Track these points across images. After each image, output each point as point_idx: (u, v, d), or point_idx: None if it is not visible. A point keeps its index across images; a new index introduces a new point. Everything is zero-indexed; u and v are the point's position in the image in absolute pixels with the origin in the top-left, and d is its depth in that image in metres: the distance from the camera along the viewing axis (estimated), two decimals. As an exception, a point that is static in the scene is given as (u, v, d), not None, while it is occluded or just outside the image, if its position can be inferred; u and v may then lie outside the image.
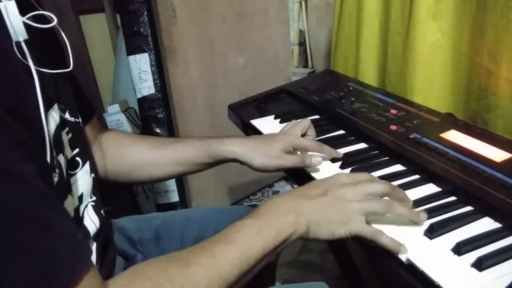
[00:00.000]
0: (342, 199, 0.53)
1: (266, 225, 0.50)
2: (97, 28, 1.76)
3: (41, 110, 0.42)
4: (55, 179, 0.46)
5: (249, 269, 0.47)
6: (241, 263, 0.46)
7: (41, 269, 0.36)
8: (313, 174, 0.68)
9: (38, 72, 0.42)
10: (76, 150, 0.56)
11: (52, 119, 0.49)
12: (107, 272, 0.59)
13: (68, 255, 0.38)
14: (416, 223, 0.53)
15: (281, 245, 0.50)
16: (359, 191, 0.54)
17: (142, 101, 1.38)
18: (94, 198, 0.58)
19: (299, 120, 0.78)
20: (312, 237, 0.52)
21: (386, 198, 0.55)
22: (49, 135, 0.44)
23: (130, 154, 0.73)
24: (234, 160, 0.71)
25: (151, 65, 1.34)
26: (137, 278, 0.43)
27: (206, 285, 0.44)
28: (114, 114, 1.53)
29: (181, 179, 1.48)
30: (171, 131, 1.43)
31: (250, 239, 0.48)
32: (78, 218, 0.54)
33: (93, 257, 0.54)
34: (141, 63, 1.34)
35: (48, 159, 0.44)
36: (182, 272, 0.44)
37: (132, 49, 1.34)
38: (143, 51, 1.33)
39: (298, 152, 0.72)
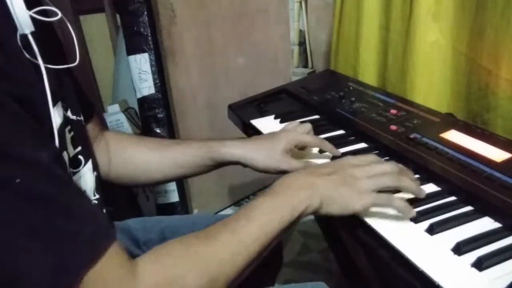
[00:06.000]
0: (352, 177, 0.55)
1: (282, 202, 0.52)
2: (97, 28, 1.76)
3: (50, 103, 0.43)
4: None
5: (268, 241, 0.50)
6: (261, 237, 0.49)
7: (66, 250, 0.37)
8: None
9: (45, 67, 0.43)
10: (79, 148, 0.56)
11: (56, 117, 0.49)
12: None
13: (92, 233, 0.39)
14: (416, 201, 0.55)
15: (297, 219, 0.52)
16: (367, 171, 0.56)
17: (142, 101, 1.38)
18: (98, 196, 0.58)
19: (301, 123, 0.77)
20: (325, 211, 0.54)
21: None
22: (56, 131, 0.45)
23: (130, 156, 0.72)
24: (236, 163, 0.70)
25: (151, 65, 1.34)
26: (163, 254, 0.45)
27: (230, 259, 0.46)
28: (114, 114, 1.53)
29: (181, 179, 1.48)
30: (171, 131, 1.43)
31: (268, 215, 0.50)
32: None
33: None
34: (141, 63, 1.34)
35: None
36: (206, 248, 0.46)
37: (132, 49, 1.34)
38: (143, 51, 1.33)
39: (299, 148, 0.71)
